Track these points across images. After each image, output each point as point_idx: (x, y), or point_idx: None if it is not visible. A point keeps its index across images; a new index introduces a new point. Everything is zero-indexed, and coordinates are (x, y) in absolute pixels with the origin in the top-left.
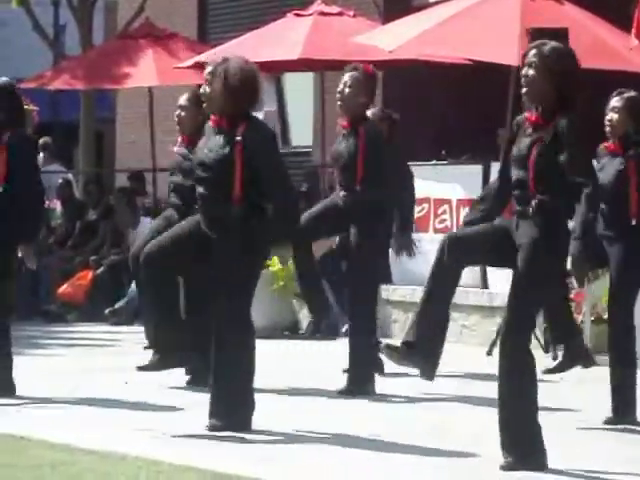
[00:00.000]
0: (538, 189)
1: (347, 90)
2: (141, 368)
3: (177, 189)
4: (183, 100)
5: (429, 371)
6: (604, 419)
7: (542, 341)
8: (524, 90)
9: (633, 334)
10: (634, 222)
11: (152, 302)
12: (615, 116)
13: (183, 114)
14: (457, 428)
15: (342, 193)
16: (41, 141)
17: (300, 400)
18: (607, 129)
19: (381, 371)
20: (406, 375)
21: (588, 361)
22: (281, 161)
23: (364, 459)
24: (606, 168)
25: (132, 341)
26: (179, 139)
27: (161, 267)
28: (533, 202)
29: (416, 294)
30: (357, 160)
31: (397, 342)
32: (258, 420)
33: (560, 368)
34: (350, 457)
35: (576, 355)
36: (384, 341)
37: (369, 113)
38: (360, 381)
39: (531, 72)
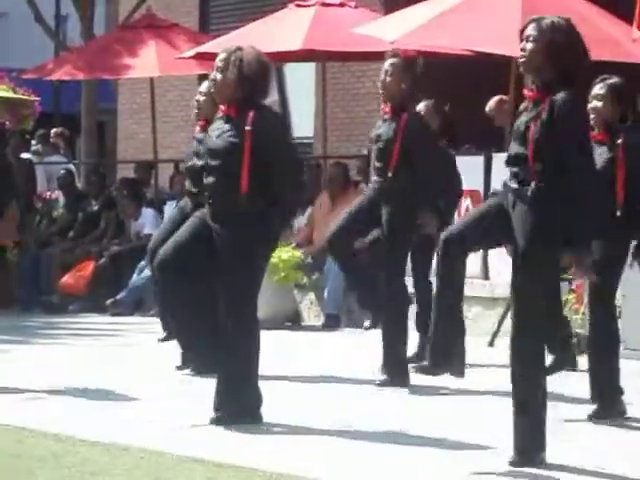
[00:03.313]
0: (537, 167)
1: (388, 79)
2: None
3: (193, 176)
4: (204, 87)
5: (458, 368)
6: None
7: None
8: (521, 61)
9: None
10: (619, 213)
11: (170, 305)
12: (599, 104)
13: (202, 100)
14: (458, 418)
15: (375, 179)
16: (53, 131)
17: (302, 391)
18: (592, 117)
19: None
20: None
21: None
22: (291, 148)
23: (366, 450)
24: None
25: (133, 332)
26: (197, 127)
27: (175, 271)
28: (532, 184)
29: None
30: (394, 145)
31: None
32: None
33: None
34: (352, 448)
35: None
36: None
37: (421, 106)
38: (395, 373)
39: (529, 45)
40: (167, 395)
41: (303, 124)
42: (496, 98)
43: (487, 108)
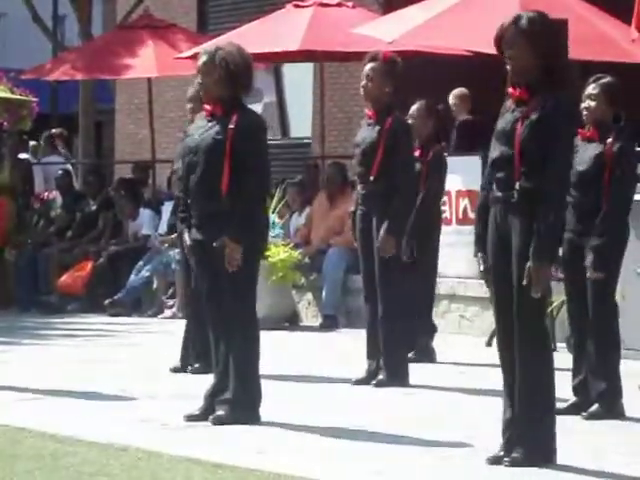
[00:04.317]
0: (522, 168)
1: (370, 84)
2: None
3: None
4: (190, 93)
5: None
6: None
7: None
8: (510, 69)
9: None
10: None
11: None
12: (592, 103)
13: (192, 106)
14: (455, 418)
15: (359, 186)
16: (55, 131)
17: (299, 391)
18: (584, 115)
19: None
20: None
21: None
22: (264, 152)
23: (362, 449)
24: (580, 154)
25: (131, 332)
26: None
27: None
28: (517, 185)
29: None
30: (378, 147)
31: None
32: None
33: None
34: (349, 448)
35: None
36: None
37: (413, 109)
38: (394, 371)
39: (514, 52)
40: (165, 395)
41: (301, 124)
42: (456, 91)
43: (450, 100)
